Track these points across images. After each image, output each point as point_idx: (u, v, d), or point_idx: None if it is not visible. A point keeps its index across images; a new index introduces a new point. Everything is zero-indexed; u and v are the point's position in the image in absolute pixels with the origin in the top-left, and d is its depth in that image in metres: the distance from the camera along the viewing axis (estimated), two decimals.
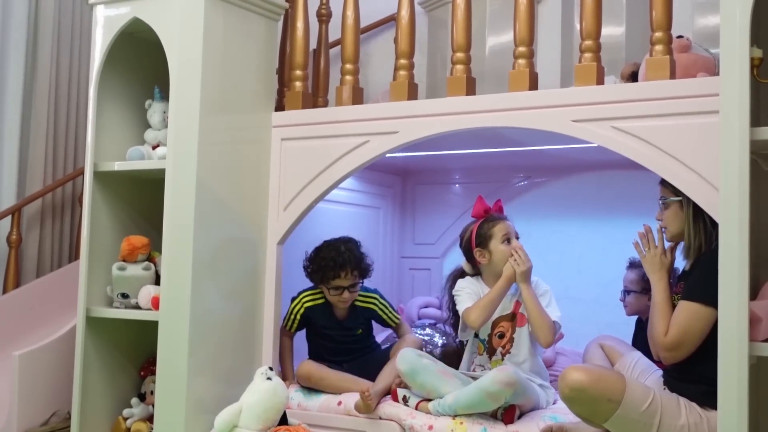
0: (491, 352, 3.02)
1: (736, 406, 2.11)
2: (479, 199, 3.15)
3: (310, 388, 3.13)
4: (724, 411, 2.14)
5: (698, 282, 2.46)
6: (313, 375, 3.11)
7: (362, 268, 3.23)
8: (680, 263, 2.68)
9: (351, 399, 3.01)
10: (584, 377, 2.44)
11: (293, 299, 3.28)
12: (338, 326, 3.26)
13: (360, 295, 3.28)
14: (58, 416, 3.42)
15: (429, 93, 3.92)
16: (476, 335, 3.08)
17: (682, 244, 2.64)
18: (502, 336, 2.95)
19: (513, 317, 2.98)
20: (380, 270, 4.02)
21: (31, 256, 4.49)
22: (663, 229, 2.67)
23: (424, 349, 3.27)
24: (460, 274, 3.19)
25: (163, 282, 3.02)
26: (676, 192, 2.58)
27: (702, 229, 2.55)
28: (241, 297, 3.17)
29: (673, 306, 2.55)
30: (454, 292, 3.11)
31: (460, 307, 3.02)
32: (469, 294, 3.05)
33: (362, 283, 3.26)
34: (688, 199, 2.54)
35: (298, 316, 3.26)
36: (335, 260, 3.18)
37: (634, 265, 3.23)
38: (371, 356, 3.25)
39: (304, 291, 3.29)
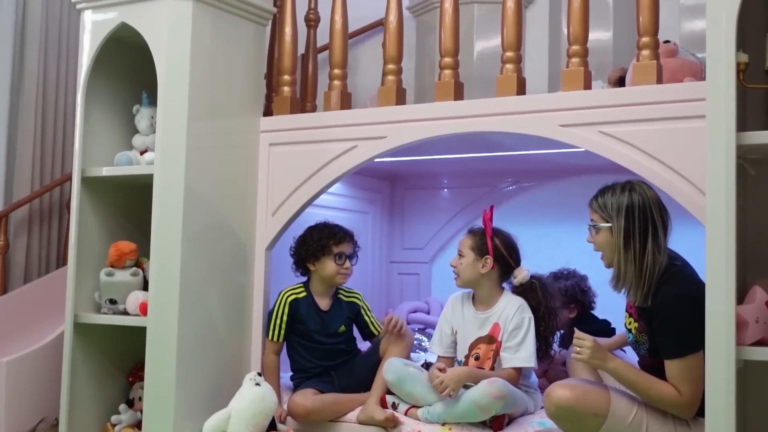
0: None
1: (724, 410, 2.11)
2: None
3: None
4: (711, 415, 2.15)
5: (678, 337, 2.38)
6: (311, 412, 2.96)
7: (356, 243, 3.25)
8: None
9: None
10: (569, 394, 2.42)
11: (272, 307, 3.19)
12: (322, 320, 3.17)
13: (343, 290, 3.27)
14: (45, 423, 3.41)
15: (417, 98, 3.93)
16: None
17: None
18: (477, 358, 2.93)
19: (491, 339, 2.91)
20: (369, 274, 4.03)
21: (18, 262, 4.47)
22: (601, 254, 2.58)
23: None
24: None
25: (151, 288, 3.01)
26: (606, 217, 2.50)
27: (633, 259, 2.44)
28: (230, 302, 3.16)
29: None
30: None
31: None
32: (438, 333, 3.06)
33: (357, 258, 3.25)
34: (621, 226, 2.46)
35: (285, 316, 3.14)
36: (337, 228, 3.21)
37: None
38: (358, 361, 3.20)
39: (283, 291, 3.21)
